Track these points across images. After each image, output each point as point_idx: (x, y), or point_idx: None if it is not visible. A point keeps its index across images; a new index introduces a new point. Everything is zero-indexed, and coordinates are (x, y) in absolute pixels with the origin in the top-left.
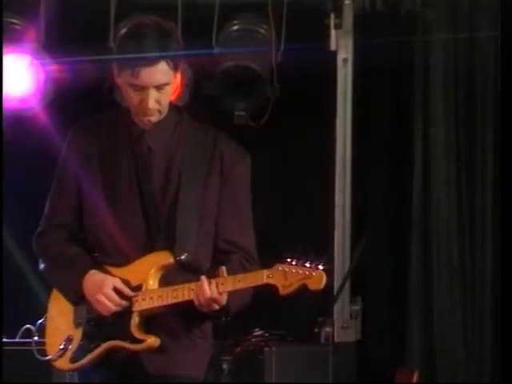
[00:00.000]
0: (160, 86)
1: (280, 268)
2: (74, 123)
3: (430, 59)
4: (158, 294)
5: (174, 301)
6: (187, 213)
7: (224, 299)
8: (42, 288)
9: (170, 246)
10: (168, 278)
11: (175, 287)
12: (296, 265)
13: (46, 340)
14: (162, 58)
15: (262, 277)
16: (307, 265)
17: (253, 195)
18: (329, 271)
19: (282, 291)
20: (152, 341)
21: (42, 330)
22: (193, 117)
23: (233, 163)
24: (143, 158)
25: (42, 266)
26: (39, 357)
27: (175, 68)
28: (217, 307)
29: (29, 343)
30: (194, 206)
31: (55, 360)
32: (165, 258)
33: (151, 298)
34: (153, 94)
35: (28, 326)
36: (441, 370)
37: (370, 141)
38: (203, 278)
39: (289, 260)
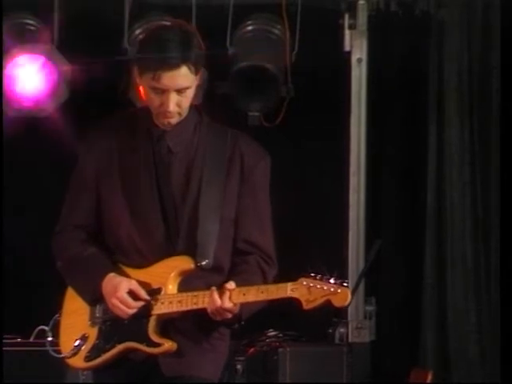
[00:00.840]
0: (181, 89)
1: (304, 282)
2: (91, 123)
3: (444, 59)
4: (178, 298)
5: (194, 307)
6: (208, 215)
7: (237, 308)
8: (57, 287)
9: (191, 250)
10: (187, 282)
11: (195, 293)
12: (320, 280)
13: (60, 336)
14: (183, 62)
15: (286, 290)
16: (332, 281)
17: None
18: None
19: (306, 306)
20: (169, 345)
21: (56, 327)
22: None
23: (253, 163)
24: (163, 158)
25: (59, 264)
26: (54, 354)
27: (196, 71)
28: (229, 316)
29: (43, 344)
30: (214, 208)
31: (69, 357)
32: (186, 263)
33: (170, 303)
34: (173, 98)
35: (42, 326)
36: (455, 370)
37: (384, 141)
38: (213, 289)
39: (313, 275)
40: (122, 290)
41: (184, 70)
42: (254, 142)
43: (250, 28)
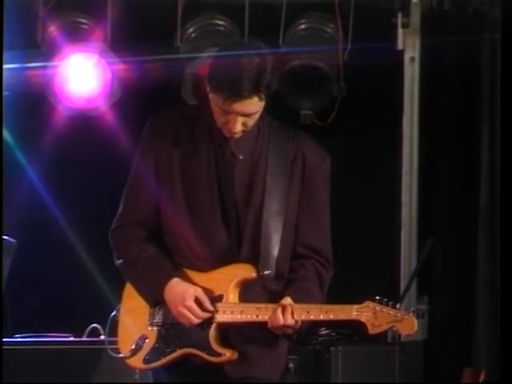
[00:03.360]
0: (249, 114)
1: (370, 306)
2: (143, 122)
3: (497, 58)
4: (240, 309)
5: (256, 319)
6: (271, 222)
7: (298, 325)
8: (111, 285)
9: (253, 258)
10: (248, 289)
11: (258, 306)
12: (386, 305)
13: (118, 335)
14: (256, 93)
15: (351, 312)
16: (397, 306)
17: None
18: (393, 272)
19: (371, 330)
20: (230, 354)
21: (113, 325)
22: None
23: (315, 164)
24: (226, 163)
25: (119, 261)
26: (112, 353)
27: (266, 98)
28: (290, 331)
29: (97, 342)
30: (278, 214)
31: (128, 358)
32: (248, 271)
33: (232, 312)
34: (240, 120)
35: (95, 324)
36: (508, 369)
37: (436, 139)
38: (277, 307)
39: (378, 298)
40: (189, 298)
41: (255, 99)
42: (315, 142)
43: (302, 27)
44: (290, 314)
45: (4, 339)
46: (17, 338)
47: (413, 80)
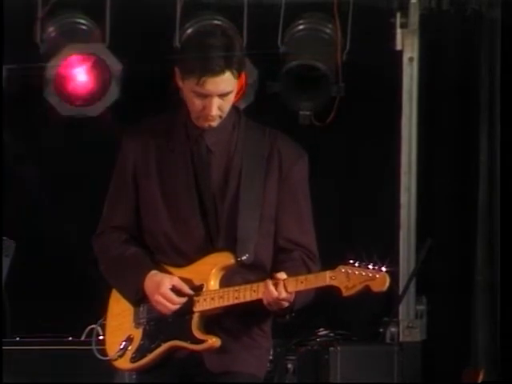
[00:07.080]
0: (224, 94)
1: (343, 270)
2: (131, 126)
3: (496, 58)
4: (219, 294)
5: (236, 301)
6: (248, 213)
7: (292, 297)
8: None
9: (231, 247)
10: (229, 279)
11: (236, 288)
12: (359, 266)
13: (106, 339)
14: (228, 68)
15: (325, 278)
16: (370, 267)
17: (317, 194)
18: (392, 273)
19: (345, 293)
20: (213, 341)
21: (102, 330)
22: (250, 117)
23: (291, 162)
24: (202, 158)
25: (102, 267)
26: (100, 356)
27: (239, 75)
28: (286, 305)
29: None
30: (254, 206)
31: (115, 360)
32: (226, 258)
33: (212, 299)
34: (216, 102)
35: (93, 326)
36: (506, 369)
37: (435, 140)
38: (268, 280)
39: (351, 262)
40: (164, 286)
41: (228, 76)
42: (291, 140)
43: (301, 27)
44: (283, 286)
45: (4, 339)
46: (16, 338)
47: (411, 80)
